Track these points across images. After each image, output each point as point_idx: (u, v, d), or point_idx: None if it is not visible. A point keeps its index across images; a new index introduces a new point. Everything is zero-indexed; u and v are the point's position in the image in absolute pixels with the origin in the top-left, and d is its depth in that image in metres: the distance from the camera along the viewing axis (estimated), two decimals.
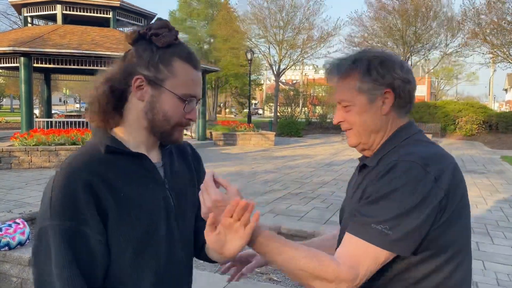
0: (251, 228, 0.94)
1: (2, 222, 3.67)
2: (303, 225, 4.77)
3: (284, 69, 29.15)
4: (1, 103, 54.74)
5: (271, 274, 3.82)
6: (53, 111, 21.13)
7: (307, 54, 29.16)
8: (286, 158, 13.29)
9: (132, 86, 1.03)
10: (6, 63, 12.80)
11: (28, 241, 3.47)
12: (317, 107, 28.85)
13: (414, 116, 24.73)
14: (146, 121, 1.05)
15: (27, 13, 15.61)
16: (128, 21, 16.14)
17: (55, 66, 12.79)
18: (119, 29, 16.03)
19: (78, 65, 12.76)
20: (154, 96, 1.03)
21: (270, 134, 17.77)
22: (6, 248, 3.30)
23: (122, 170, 1.02)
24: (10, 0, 15.72)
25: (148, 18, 17.19)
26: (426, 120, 24.11)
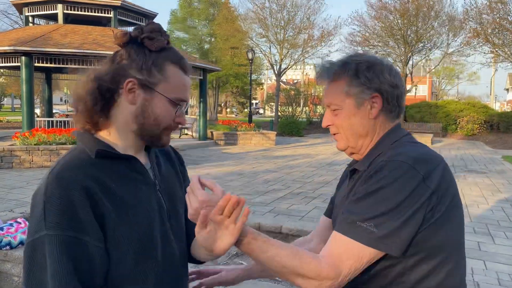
0: (242, 223, 0.94)
1: (4, 221, 3.68)
2: (304, 224, 4.76)
3: (285, 68, 29.13)
4: (2, 103, 54.80)
5: None
6: (54, 111, 21.14)
7: (308, 54, 29.17)
8: (287, 157, 13.28)
9: (123, 89, 1.02)
10: (7, 63, 12.82)
11: None
12: (318, 107, 28.83)
13: (416, 116, 24.75)
14: (136, 124, 1.04)
15: (29, 12, 15.64)
16: (130, 20, 16.16)
17: (56, 65, 12.80)
18: (121, 28, 16.03)
19: (79, 64, 12.76)
20: (147, 99, 1.03)
21: (271, 134, 17.76)
22: (8, 247, 3.30)
23: (115, 174, 1.00)
24: None
25: (149, 17, 17.20)
26: (427, 120, 24.09)
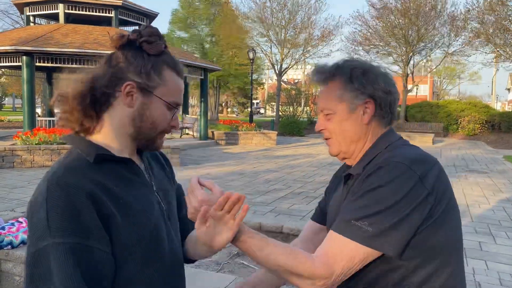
0: (241, 219, 0.96)
1: (5, 221, 3.68)
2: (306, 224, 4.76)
3: (286, 68, 29.13)
4: (3, 102, 54.87)
5: None
6: (55, 110, 21.11)
7: (309, 53, 29.16)
8: (288, 157, 13.28)
9: (121, 92, 1.01)
10: (8, 62, 12.83)
11: None
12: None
13: (417, 115, 24.73)
14: (132, 127, 1.04)
15: (30, 12, 15.65)
16: (132, 20, 16.16)
17: (58, 65, 12.82)
18: (122, 28, 16.04)
19: (80, 64, 12.77)
20: (145, 103, 1.02)
21: (272, 134, 17.76)
22: (9, 247, 3.30)
23: (115, 177, 1.00)
24: None
25: (150, 17, 17.21)
26: (428, 119, 24.07)
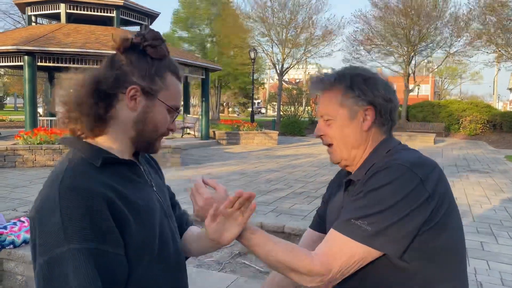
0: (249, 215, 1.02)
1: (7, 220, 3.69)
2: (307, 224, 4.73)
3: (287, 68, 29.11)
4: (5, 102, 54.95)
5: None
6: (56, 110, 21.14)
7: (311, 53, 29.13)
8: (289, 157, 13.28)
9: (125, 94, 1.01)
10: (10, 62, 12.84)
11: None
12: None
13: (418, 115, 24.70)
14: (134, 131, 1.04)
15: (31, 12, 15.66)
16: (133, 20, 16.17)
17: (59, 65, 12.83)
18: (124, 28, 16.05)
19: (82, 64, 12.78)
20: (148, 107, 1.03)
21: (273, 133, 17.75)
22: (11, 246, 3.31)
23: (122, 179, 1.00)
24: None
25: (151, 16, 17.21)
26: (430, 119, 24.03)
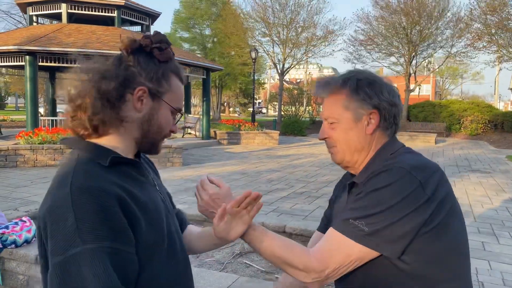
0: (255, 213, 1.08)
1: (9, 220, 3.69)
2: (308, 224, 4.75)
3: (288, 68, 29.10)
4: (6, 102, 55.02)
5: (276, 273, 3.83)
6: (58, 110, 21.20)
7: (311, 53, 29.11)
8: (290, 157, 13.28)
9: (132, 95, 1.02)
10: (11, 62, 12.87)
11: (34, 239, 3.48)
12: (321, 106, 28.74)
13: (419, 115, 24.68)
14: (139, 132, 1.05)
15: (32, 12, 15.70)
16: (134, 20, 16.17)
17: (60, 64, 12.84)
18: (124, 28, 16.06)
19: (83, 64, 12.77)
20: (154, 108, 1.05)
21: (274, 133, 17.75)
22: (13, 246, 3.32)
23: (129, 179, 1.01)
24: None
25: (152, 16, 17.23)
26: (431, 119, 24.02)
